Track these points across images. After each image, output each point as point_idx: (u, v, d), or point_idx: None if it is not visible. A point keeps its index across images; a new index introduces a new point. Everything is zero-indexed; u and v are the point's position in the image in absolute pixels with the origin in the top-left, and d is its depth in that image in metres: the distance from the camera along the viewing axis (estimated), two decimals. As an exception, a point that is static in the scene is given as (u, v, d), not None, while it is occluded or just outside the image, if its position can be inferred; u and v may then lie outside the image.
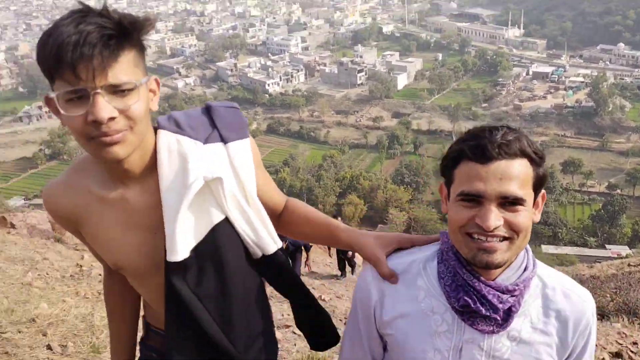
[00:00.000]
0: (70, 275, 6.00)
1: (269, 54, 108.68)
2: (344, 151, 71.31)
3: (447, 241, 1.20)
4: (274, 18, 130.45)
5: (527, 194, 1.06)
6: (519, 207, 1.06)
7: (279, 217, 1.49)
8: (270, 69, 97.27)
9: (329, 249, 9.67)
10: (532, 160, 1.07)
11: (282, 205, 1.50)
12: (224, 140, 1.28)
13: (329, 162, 63.61)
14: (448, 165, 1.13)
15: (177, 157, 1.22)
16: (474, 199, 1.06)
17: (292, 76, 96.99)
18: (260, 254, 1.34)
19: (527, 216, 1.07)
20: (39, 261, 6.55)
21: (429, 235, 1.36)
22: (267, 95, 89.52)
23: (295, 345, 4.56)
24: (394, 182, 57.62)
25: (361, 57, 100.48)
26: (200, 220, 1.24)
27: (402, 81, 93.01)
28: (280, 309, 5.40)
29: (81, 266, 6.35)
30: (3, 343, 3.47)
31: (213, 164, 1.24)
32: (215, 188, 1.23)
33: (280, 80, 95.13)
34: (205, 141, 1.26)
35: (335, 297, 7.69)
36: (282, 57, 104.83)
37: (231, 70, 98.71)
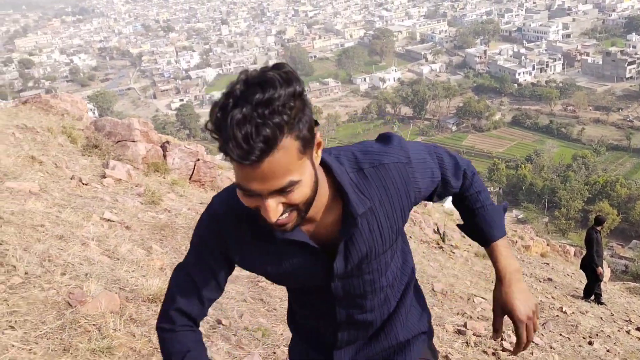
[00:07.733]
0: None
1: (524, 41, 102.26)
2: (600, 152, 63.57)
3: None
4: (534, 2, 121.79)
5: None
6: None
7: None
8: (523, 57, 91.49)
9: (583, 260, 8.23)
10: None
11: None
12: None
13: (579, 162, 57.58)
14: None
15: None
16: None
17: (547, 65, 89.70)
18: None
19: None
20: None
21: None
22: (515, 84, 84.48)
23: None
24: (659, 193, 49.56)
25: (634, 47, 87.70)
26: None
27: (685, 76, 78.66)
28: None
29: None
30: (259, 290, 3.83)
31: None
32: None
33: (533, 69, 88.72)
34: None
35: (579, 312, 6.86)
36: (539, 44, 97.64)
37: (480, 57, 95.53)
